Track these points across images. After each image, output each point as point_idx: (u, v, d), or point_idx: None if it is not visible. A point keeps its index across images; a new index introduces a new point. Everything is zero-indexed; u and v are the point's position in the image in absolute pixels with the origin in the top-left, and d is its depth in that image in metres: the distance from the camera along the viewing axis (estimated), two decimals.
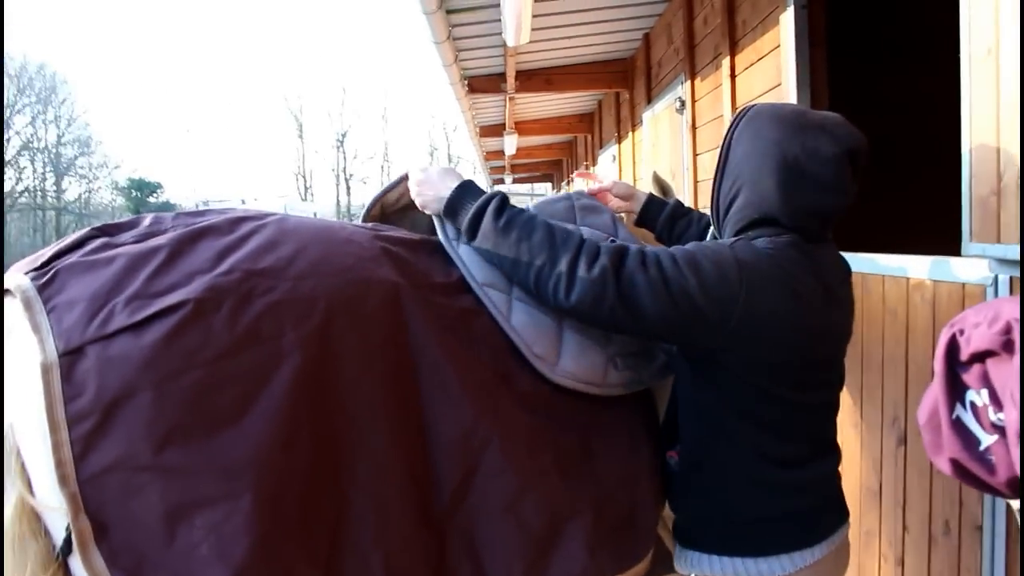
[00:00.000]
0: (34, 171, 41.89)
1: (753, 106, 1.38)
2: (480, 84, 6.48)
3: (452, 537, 1.20)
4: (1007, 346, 1.13)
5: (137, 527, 0.95)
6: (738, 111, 1.39)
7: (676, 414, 1.46)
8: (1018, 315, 1.14)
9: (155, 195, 45.54)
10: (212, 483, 0.97)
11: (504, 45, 4.74)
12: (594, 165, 9.24)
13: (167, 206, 44.21)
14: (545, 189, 19.34)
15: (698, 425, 1.38)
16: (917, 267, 1.96)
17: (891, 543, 2.09)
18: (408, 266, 1.31)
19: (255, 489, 0.99)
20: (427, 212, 1.43)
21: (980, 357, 1.19)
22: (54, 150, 42.20)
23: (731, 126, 1.38)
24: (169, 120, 78.05)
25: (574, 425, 1.37)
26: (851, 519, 1.47)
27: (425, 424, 1.20)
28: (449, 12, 4.56)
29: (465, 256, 1.37)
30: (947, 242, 1.68)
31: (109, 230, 1.24)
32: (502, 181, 17.34)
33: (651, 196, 1.88)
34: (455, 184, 1.36)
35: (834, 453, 1.44)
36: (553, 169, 15.45)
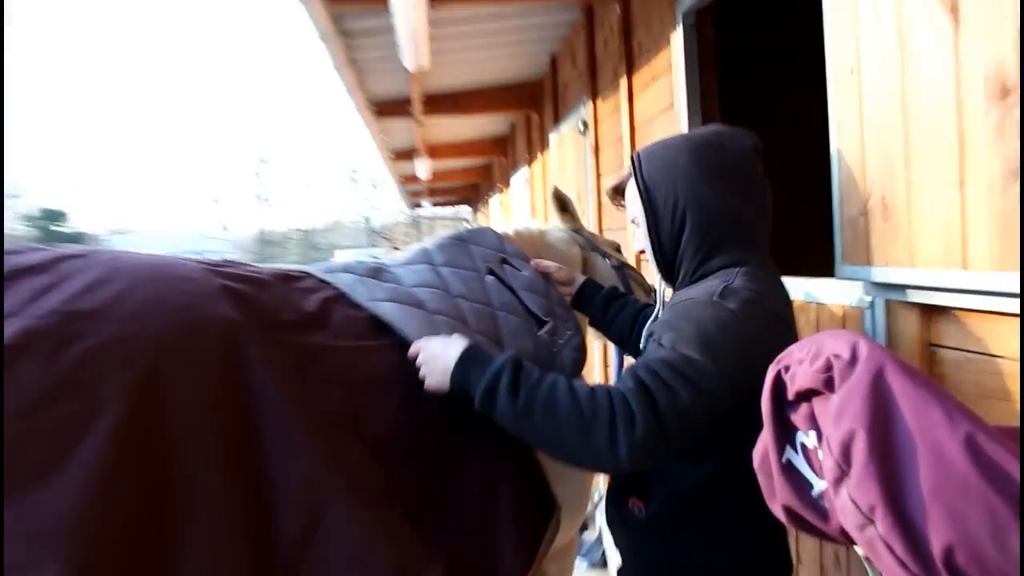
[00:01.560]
0: None
1: (638, 153, 1.41)
2: (388, 108, 6.38)
3: None
4: (827, 384, 1.07)
5: None
6: (629, 162, 1.42)
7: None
8: (837, 351, 1.07)
9: (58, 224, 44.25)
10: (18, 549, 0.88)
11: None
12: (507, 188, 9.26)
13: (76, 236, 43.49)
14: (466, 212, 19.29)
15: (688, 491, 1.33)
16: (796, 289, 1.93)
17: None
18: (251, 303, 1.23)
19: (66, 556, 0.89)
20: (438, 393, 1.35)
21: (806, 396, 1.11)
22: None
23: (636, 177, 1.39)
24: (73, 150, 75.51)
25: (430, 468, 1.31)
26: None
27: (266, 473, 1.11)
28: (347, 37, 4.47)
29: None
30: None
31: None
32: (420, 205, 17.22)
33: (587, 280, 1.89)
34: (456, 355, 1.29)
35: None
36: (471, 193, 15.45)
